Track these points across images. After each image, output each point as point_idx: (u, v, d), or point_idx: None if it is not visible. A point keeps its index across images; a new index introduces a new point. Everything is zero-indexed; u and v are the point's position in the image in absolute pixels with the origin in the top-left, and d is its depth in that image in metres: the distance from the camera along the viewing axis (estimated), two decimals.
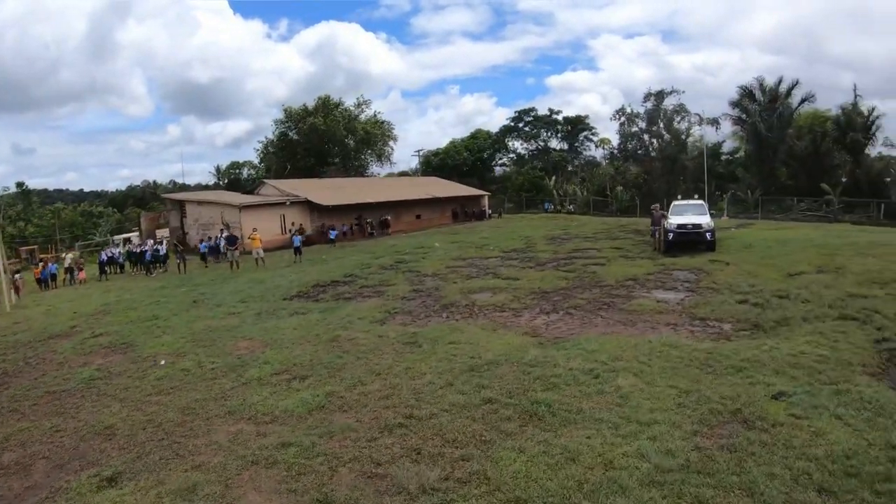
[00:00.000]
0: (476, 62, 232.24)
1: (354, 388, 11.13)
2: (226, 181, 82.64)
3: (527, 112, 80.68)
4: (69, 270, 37.35)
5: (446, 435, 8.71)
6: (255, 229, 37.67)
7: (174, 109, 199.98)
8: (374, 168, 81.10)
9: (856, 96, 52.98)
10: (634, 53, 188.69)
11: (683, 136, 61.59)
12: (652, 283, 20.06)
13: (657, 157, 62.11)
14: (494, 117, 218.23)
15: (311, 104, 74.53)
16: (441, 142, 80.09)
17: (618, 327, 14.57)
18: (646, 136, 63.90)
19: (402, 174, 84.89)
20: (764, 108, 55.66)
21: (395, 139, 79.31)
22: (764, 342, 12.31)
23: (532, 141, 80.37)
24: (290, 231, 42.32)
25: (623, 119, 65.35)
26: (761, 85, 56.69)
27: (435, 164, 78.89)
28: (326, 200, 47.64)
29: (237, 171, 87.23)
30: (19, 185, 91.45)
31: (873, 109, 51.06)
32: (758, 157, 56.46)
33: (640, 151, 65.33)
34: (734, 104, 58.50)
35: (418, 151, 79.58)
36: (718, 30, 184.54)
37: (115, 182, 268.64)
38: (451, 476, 7.48)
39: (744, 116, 57.51)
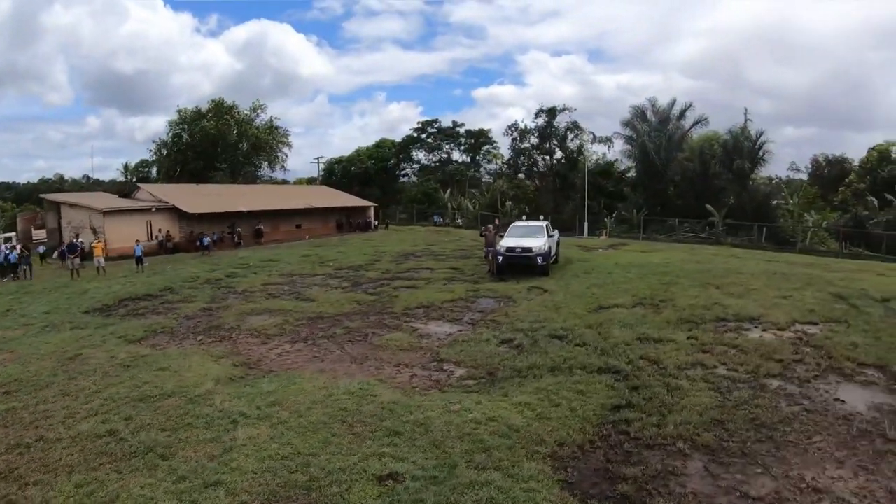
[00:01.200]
0: (405, 70, 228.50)
1: (37, 406, 10.68)
2: (134, 179, 76.25)
3: (430, 123, 77.28)
4: None
5: (48, 461, 8.34)
6: (98, 237, 36.51)
7: (95, 100, 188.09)
8: (267, 173, 77.19)
9: (746, 120, 50.46)
10: (561, 71, 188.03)
11: (574, 154, 57.81)
12: (439, 313, 17.86)
13: (547, 173, 58.35)
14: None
15: (233, 105, 70.30)
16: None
17: (343, 364, 12.97)
18: (535, 153, 59.92)
19: (312, 181, 79.72)
20: (654, 128, 52.61)
21: (289, 146, 75.97)
22: (466, 398, 10.20)
23: (435, 152, 76.44)
24: (156, 238, 40.46)
25: (515, 134, 61.60)
26: (653, 106, 54.15)
27: (338, 171, 74.87)
28: (195, 208, 43.69)
29: (146, 169, 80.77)
30: None
31: (761, 134, 48.78)
32: (646, 177, 53.37)
33: (532, 168, 61.49)
34: (626, 123, 55.56)
35: (318, 158, 74.87)
36: (644, 53, 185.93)
37: (28, 174, 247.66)
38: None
39: (634, 136, 54.42)
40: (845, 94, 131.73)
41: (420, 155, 77.30)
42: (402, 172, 77.85)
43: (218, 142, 66.19)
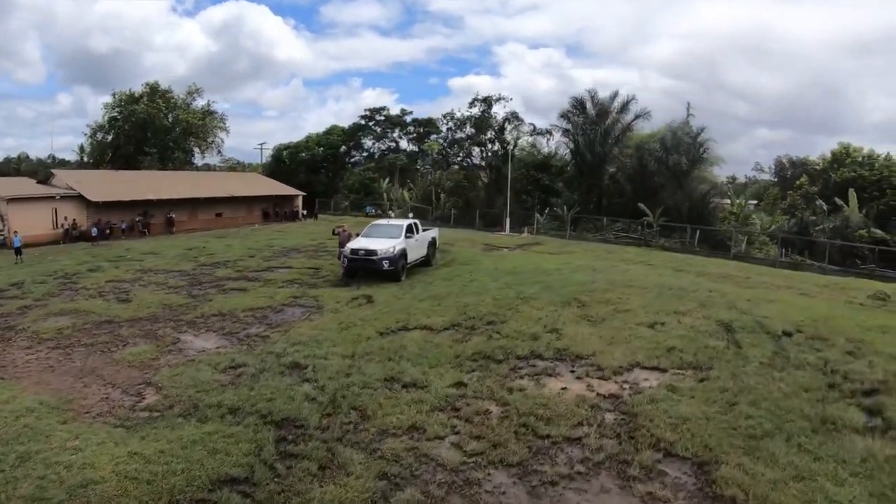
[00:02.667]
0: (381, 57, 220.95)
1: None
2: (91, 161, 70.87)
3: (378, 111, 71.65)
4: None
5: None
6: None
7: (68, 78, 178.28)
8: (209, 158, 73.23)
9: (688, 115, 44.69)
10: (538, 64, 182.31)
11: (510, 146, 51.85)
12: (224, 324, 15.37)
13: (481, 165, 53.09)
14: (394, 113, 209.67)
15: (167, 89, 65.83)
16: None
17: (64, 377, 11.59)
18: (469, 143, 54.52)
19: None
20: (591, 121, 46.94)
21: (226, 131, 71.15)
22: (98, 436, 8.57)
23: (383, 141, 71.53)
24: (62, 226, 37.94)
25: (450, 124, 56.04)
26: (593, 97, 47.54)
27: (286, 157, 69.46)
28: (101, 196, 40.04)
29: (104, 151, 75.27)
30: None
31: (702, 129, 43.00)
32: (579, 173, 47.98)
33: (467, 159, 55.97)
34: (563, 115, 49.15)
35: (261, 145, 70.25)
36: (622, 50, 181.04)
37: None
38: None
39: (571, 129, 48.57)
40: (819, 99, 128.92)
41: (369, 143, 72.42)
42: (353, 160, 72.77)
43: (146, 126, 61.93)
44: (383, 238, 21.27)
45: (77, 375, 11.60)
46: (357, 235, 22.91)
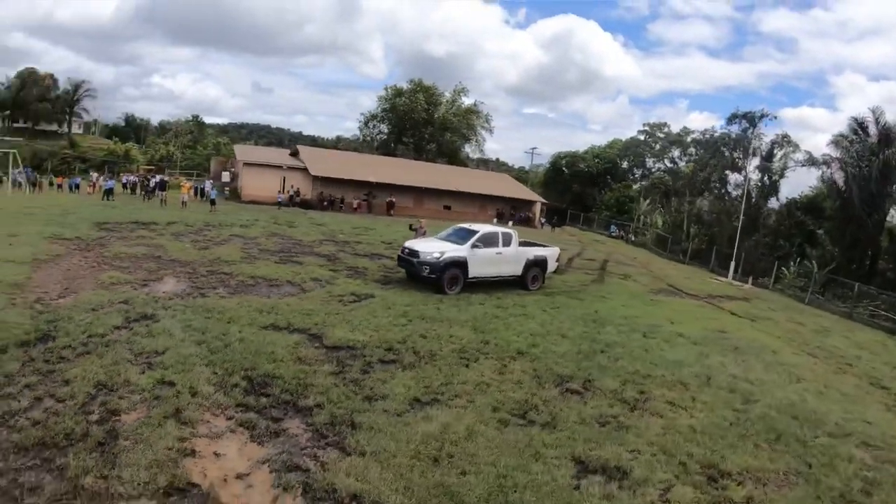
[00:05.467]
0: (708, 79, 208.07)
1: None
2: (365, 144, 79.70)
3: (659, 127, 69.87)
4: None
5: None
6: (185, 179, 48.17)
7: (406, 75, 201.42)
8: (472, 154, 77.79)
9: None
10: (880, 98, 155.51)
11: (776, 175, 43.56)
12: (216, 280, 15.53)
13: (735, 196, 45.01)
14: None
15: (430, 86, 72.62)
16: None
17: (50, 268, 14.65)
18: (719, 167, 46.79)
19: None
20: (867, 150, 36.22)
21: (490, 130, 74.91)
22: None
23: (661, 159, 68.59)
24: (288, 192, 44.55)
25: (715, 142, 47.62)
26: (878, 119, 36.94)
27: (564, 166, 70.17)
28: (321, 172, 47.07)
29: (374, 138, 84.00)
30: (194, 117, 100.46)
31: None
32: (842, 218, 37.46)
33: (722, 187, 46.58)
34: (835, 142, 39.15)
35: (532, 149, 70.97)
36: None
37: (337, 131, 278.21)
38: None
39: (841, 158, 38.45)
40: None
41: (651, 161, 70.36)
42: (634, 177, 71.02)
43: (405, 119, 69.24)
44: (445, 242, 18.47)
45: (62, 274, 14.17)
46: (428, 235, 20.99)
